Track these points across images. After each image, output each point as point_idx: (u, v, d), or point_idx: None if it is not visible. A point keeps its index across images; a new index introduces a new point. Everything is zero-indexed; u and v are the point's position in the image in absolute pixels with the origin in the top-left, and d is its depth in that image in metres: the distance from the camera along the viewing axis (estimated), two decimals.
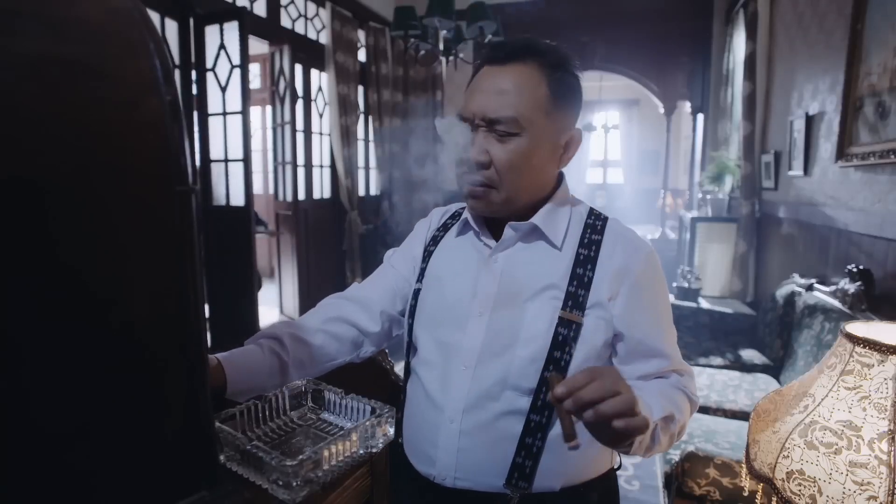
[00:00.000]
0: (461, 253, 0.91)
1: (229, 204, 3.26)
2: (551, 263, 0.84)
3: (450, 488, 0.83)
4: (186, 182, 0.45)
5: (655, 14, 4.77)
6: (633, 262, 0.83)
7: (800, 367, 2.13)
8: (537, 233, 0.86)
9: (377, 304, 0.96)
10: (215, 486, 0.51)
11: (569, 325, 0.80)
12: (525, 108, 0.78)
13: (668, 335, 0.85)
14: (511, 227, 0.85)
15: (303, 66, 4.14)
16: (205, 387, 0.49)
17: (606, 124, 9.98)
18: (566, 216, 0.88)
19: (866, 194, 2.06)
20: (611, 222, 0.89)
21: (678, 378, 0.85)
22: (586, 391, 0.61)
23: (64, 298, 0.39)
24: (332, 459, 0.68)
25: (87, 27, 0.40)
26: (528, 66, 0.79)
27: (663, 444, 0.77)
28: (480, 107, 0.79)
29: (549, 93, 0.79)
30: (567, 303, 0.81)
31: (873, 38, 1.98)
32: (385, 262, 1.02)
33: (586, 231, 0.86)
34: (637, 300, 0.82)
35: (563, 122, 0.82)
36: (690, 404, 0.84)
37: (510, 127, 0.78)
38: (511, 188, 0.81)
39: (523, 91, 0.78)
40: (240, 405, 0.78)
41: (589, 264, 0.82)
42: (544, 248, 0.86)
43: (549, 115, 0.79)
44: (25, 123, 0.37)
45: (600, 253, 0.83)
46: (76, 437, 0.41)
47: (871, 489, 0.72)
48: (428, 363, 0.88)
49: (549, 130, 0.80)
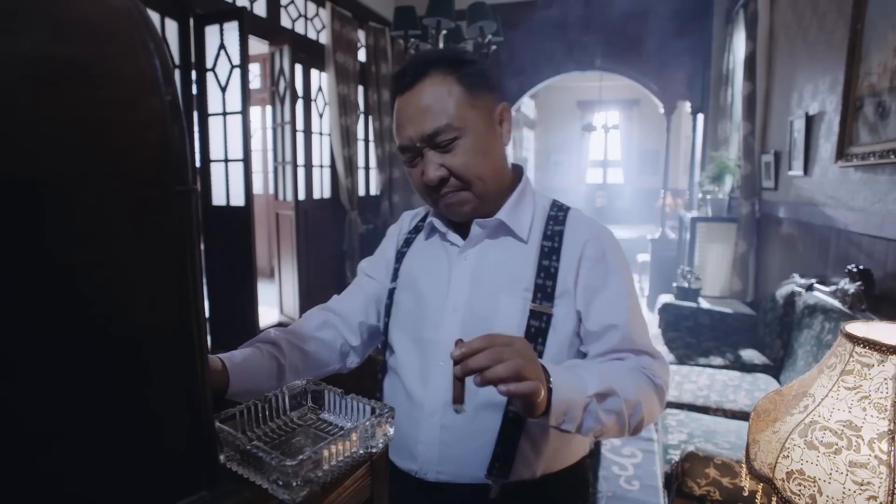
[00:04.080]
0: (432, 253, 0.94)
1: (229, 204, 3.26)
2: (519, 257, 0.87)
3: (431, 482, 0.85)
4: (186, 182, 0.45)
5: (655, 14, 4.76)
6: (591, 244, 0.86)
7: (800, 367, 2.13)
8: (503, 228, 0.88)
9: (355, 317, 0.98)
10: (215, 486, 0.51)
11: (540, 316, 0.83)
12: (452, 110, 0.81)
13: (626, 313, 0.85)
14: (478, 225, 0.88)
15: (303, 66, 4.15)
16: (205, 387, 0.49)
17: (606, 124, 9.99)
18: (530, 209, 0.90)
19: (866, 194, 2.06)
20: (572, 212, 0.91)
21: (637, 359, 0.83)
22: (474, 359, 0.63)
23: (63, 300, 0.39)
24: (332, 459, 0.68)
25: (86, 27, 0.40)
26: (433, 77, 0.82)
27: (608, 425, 0.74)
28: (415, 130, 0.81)
29: (463, 88, 0.82)
30: (536, 295, 0.84)
31: (873, 38, 1.98)
32: (359, 273, 1.05)
33: (549, 223, 0.89)
34: (593, 277, 0.85)
35: (488, 104, 0.85)
36: (654, 388, 0.81)
37: (449, 133, 0.81)
38: (479, 181, 0.84)
39: (442, 98, 0.81)
40: (240, 405, 0.78)
41: (554, 255, 0.85)
42: (511, 242, 0.88)
43: (473, 106, 0.83)
44: (24, 123, 0.37)
45: (563, 243, 0.86)
46: (76, 437, 0.41)
47: (871, 489, 0.72)
48: (406, 361, 0.90)
49: (481, 117, 0.84)
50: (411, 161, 0.85)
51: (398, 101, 0.85)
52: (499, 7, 4.19)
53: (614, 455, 2.59)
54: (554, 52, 5.12)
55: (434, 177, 0.82)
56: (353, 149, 4.48)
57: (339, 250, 4.58)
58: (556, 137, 10.12)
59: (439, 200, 0.86)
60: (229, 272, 3.26)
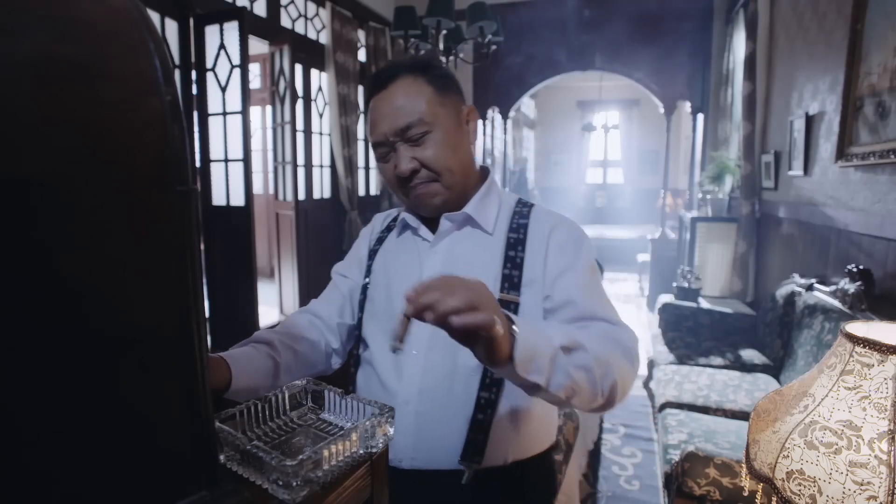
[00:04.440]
0: (404, 249, 0.99)
1: (229, 204, 3.26)
2: (486, 248, 0.92)
3: (406, 470, 0.87)
4: (186, 182, 0.45)
5: (655, 14, 4.76)
6: (555, 233, 0.91)
7: (800, 366, 2.13)
8: (471, 221, 0.93)
9: (333, 319, 1.01)
10: (215, 486, 0.51)
11: (507, 305, 0.86)
12: (423, 107, 0.87)
13: (584, 289, 0.87)
14: (446, 219, 0.93)
15: (303, 66, 4.14)
16: (205, 387, 0.49)
17: (606, 124, 9.98)
18: (496, 204, 0.96)
19: (866, 194, 2.06)
20: (536, 208, 0.97)
21: (599, 325, 0.83)
22: (426, 294, 0.61)
23: (63, 300, 0.39)
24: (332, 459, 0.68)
25: (86, 27, 0.40)
26: (406, 78, 0.89)
27: (580, 383, 0.71)
28: (389, 125, 0.87)
29: (433, 88, 0.89)
30: (504, 284, 0.88)
31: (873, 38, 1.98)
32: (333, 275, 1.08)
33: (514, 217, 0.94)
34: (558, 261, 0.89)
35: (456, 105, 0.92)
36: (622, 351, 0.79)
37: (420, 127, 0.87)
38: (447, 172, 0.89)
39: (414, 96, 0.87)
40: (240, 405, 0.78)
41: (519, 246, 0.90)
42: (479, 235, 0.93)
43: (442, 104, 0.89)
44: (24, 123, 0.37)
45: (528, 234, 0.91)
46: (75, 437, 0.41)
47: (871, 489, 0.72)
48: (379, 353, 0.93)
49: (449, 115, 0.90)
50: (384, 157, 0.91)
51: (373, 101, 0.90)
52: (499, 7, 4.19)
53: (614, 455, 2.59)
54: (554, 52, 5.11)
55: (406, 168, 0.87)
56: (353, 149, 4.48)
57: (339, 250, 4.58)
58: (556, 137, 10.12)
59: (410, 192, 0.91)
60: (229, 272, 3.26)
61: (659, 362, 2.81)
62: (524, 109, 8.52)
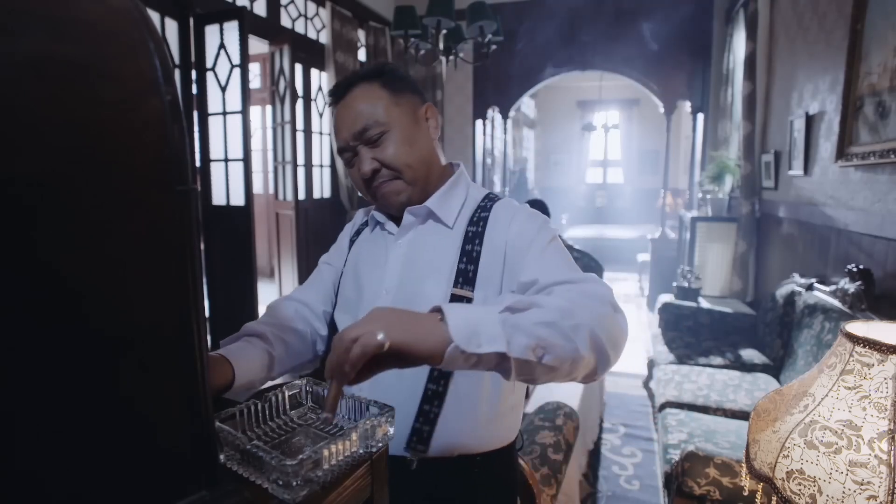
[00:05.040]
0: (374, 243, 1.02)
1: (229, 204, 3.26)
2: (445, 243, 0.92)
3: None
4: (186, 182, 0.45)
5: (655, 14, 4.76)
6: (514, 224, 0.90)
7: (800, 366, 2.13)
8: (432, 215, 0.95)
9: (319, 306, 1.03)
10: (215, 486, 0.51)
11: (460, 300, 0.87)
12: (379, 109, 0.91)
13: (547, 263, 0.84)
14: (409, 213, 0.94)
15: (303, 66, 4.14)
16: (205, 387, 0.49)
17: (606, 124, 9.98)
18: (460, 199, 0.97)
19: (866, 194, 2.06)
20: (501, 201, 0.96)
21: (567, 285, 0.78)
22: (329, 368, 0.65)
23: (63, 300, 0.39)
24: (332, 459, 0.68)
25: (86, 27, 0.40)
26: (360, 86, 0.93)
27: (547, 338, 0.64)
28: (348, 130, 0.91)
29: (387, 91, 0.92)
30: (458, 279, 0.88)
31: (873, 38, 1.98)
32: (319, 264, 1.11)
33: (477, 210, 0.95)
34: (517, 250, 0.87)
35: (411, 104, 0.95)
36: (593, 300, 0.72)
37: (377, 128, 0.90)
38: (407, 168, 0.92)
39: (369, 101, 0.91)
40: (240, 405, 0.78)
41: (477, 239, 0.90)
42: (441, 228, 0.94)
43: (397, 104, 0.92)
44: (23, 123, 0.37)
45: (487, 228, 0.91)
46: (75, 437, 0.41)
47: (871, 489, 0.72)
48: None
49: (405, 113, 0.93)
50: (350, 162, 0.94)
51: (334, 111, 0.95)
52: (499, 7, 4.19)
53: (614, 455, 2.59)
54: (554, 52, 5.11)
55: (367, 169, 0.90)
56: None
57: None
58: (556, 137, 10.11)
59: (376, 192, 0.94)
60: (229, 272, 3.26)
61: (659, 362, 2.81)
62: (524, 109, 8.52)
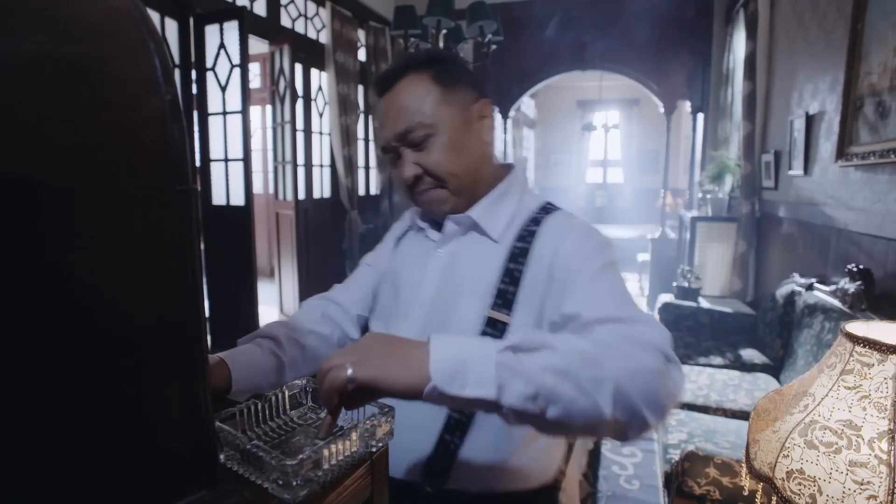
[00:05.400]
0: (414, 249, 0.95)
1: (229, 204, 3.26)
2: (488, 258, 0.83)
3: None
4: (186, 182, 0.45)
5: (655, 14, 4.76)
6: (565, 241, 0.78)
7: (800, 366, 2.13)
8: (475, 226, 0.86)
9: (354, 308, 0.98)
10: (215, 486, 0.51)
11: (495, 324, 0.77)
12: (425, 109, 0.81)
13: (595, 295, 0.72)
14: (451, 221, 0.86)
15: (303, 66, 4.14)
16: (205, 386, 0.49)
17: (606, 124, 9.98)
18: (510, 209, 0.87)
19: (866, 194, 2.06)
20: (556, 213, 0.86)
21: (612, 325, 0.65)
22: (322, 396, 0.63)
23: (62, 299, 0.39)
24: (332, 459, 0.68)
25: (86, 27, 0.40)
26: (410, 77, 0.83)
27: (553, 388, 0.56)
28: (391, 130, 0.83)
29: (438, 86, 0.83)
30: (496, 301, 0.79)
31: (873, 38, 1.98)
32: (360, 264, 1.05)
33: (528, 224, 0.84)
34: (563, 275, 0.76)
35: (464, 101, 0.85)
36: (634, 346, 0.60)
37: (420, 131, 0.81)
38: (452, 178, 0.84)
39: (416, 98, 0.82)
40: (240, 405, 0.78)
41: (521, 258, 0.80)
42: (484, 242, 0.85)
43: (447, 103, 0.83)
44: (23, 123, 0.37)
45: (535, 244, 0.81)
46: (75, 437, 0.41)
47: (871, 488, 0.72)
48: None
49: (455, 114, 0.84)
50: (393, 162, 0.87)
51: (381, 103, 0.87)
52: (499, 7, 4.18)
53: (614, 455, 2.59)
54: (554, 52, 5.11)
55: (409, 175, 0.83)
56: (353, 148, 4.48)
57: (339, 250, 4.58)
58: (556, 137, 10.11)
59: (418, 198, 0.88)
60: (229, 272, 3.26)
61: None
62: (524, 109, 8.52)
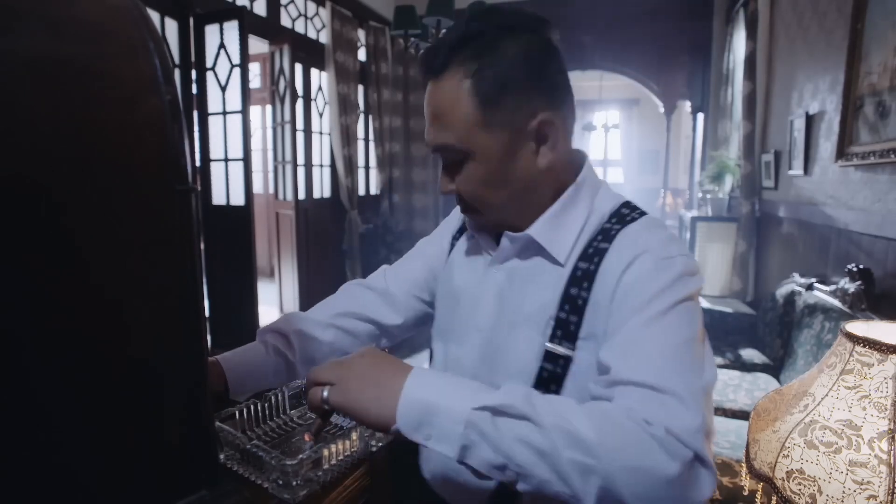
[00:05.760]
0: (470, 257, 0.83)
1: (229, 203, 3.26)
2: (550, 282, 0.70)
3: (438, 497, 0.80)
4: (186, 181, 0.45)
5: (655, 14, 4.76)
6: (634, 263, 0.63)
7: (800, 366, 2.13)
8: (534, 246, 0.72)
9: (402, 295, 0.89)
10: (215, 486, 0.51)
11: (556, 359, 0.67)
12: (459, 129, 0.66)
13: (638, 346, 0.59)
14: (507, 238, 0.73)
15: (303, 66, 4.14)
16: (205, 386, 0.49)
17: (606, 124, 9.97)
18: (578, 222, 0.71)
19: (866, 194, 2.06)
20: (632, 227, 0.68)
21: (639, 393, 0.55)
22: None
23: (63, 297, 0.39)
24: (332, 459, 0.68)
25: (86, 26, 0.40)
26: (452, 72, 0.65)
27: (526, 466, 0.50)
28: (428, 135, 0.70)
29: (476, 100, 0.64)
30: (556, 332, 0.67)
31: (873, 38, 1.98)
32: (416, 248, 0.95)
33: (595, 238, 0.69)
34: (619, 308, 0.63)
35: (512, 121, 0.66)
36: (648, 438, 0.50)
37: (453, 154, 0.68)
38: (491, 209, 0.72)
39: (452, 108, 0.65)
40: (240, 405, 0.78)
41: (585, 282, 0.66)
42: (546, 263, 0.72)
43: (486, 126, 0.65)
44: (24, 123, 0.37)
45: (602, 265, 0.66)
46: (76, 436, 0.41)
47: (870, 488, 0.72)
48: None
49: (497, 140, 0.66)
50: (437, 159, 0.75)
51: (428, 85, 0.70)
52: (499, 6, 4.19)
53: None
54: None
55: (444, 190, 0.72)
56: (353, 148, 4.48)
57: (339, 250, 4.58)
58: None
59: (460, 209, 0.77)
60: (229, 272, 3.26)
61: None
62: None
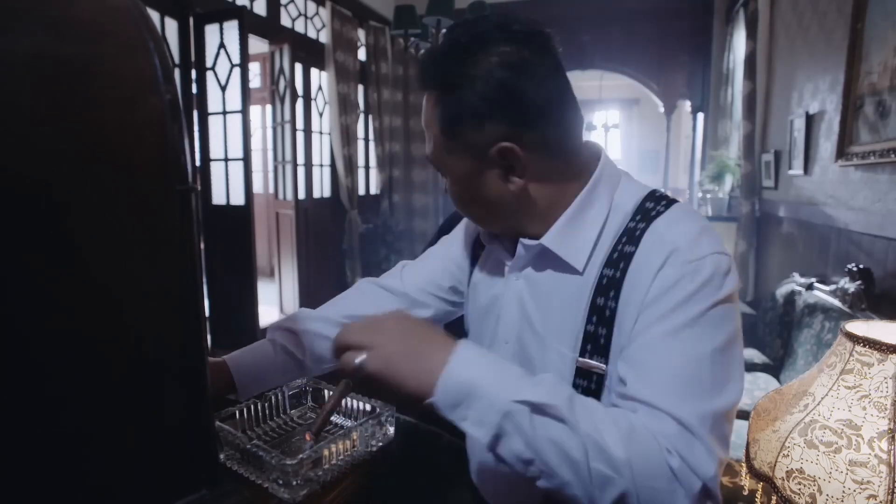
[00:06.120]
0: (493, 265, 0.79)
1: (229, 203, 3.26)
2: (573, 292, 0.65)
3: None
4: (186, 181, 0.45)
5: (655, 14, 4.76)
6: (666, 265, 0.58)
7: (800, 366, 2.13)
8: (549, 255, 0.67)
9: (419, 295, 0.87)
10: (215, 486, 0.51)
11: (588, 375, 0.62)
12: (433, 148, 0.67)
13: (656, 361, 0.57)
14: (522, 245, 0.69)
15: (303, 65, 4.14)
16: (205, 386, 0.49)
17: (606, 124, 9.98)
18: (596, 225, 0.65)
19: (866, 193, 2.06)
20: (661, 220, 0.62)
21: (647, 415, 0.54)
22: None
23: (63, 297, 0.39)
24: (332, 458, 0.68)
25: (86, 26, 0.40)
26: (428, 95, 0.65)
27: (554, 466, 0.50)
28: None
29: (439, 128, 0.64)
30: (585, 347, 0.63)
31: (873, 37, 1.98)
32: (436, 246, 0.92)
33: (620, 241, 0.63)
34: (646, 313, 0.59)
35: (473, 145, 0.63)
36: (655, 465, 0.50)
37: (434, 165, 0.68)
38: (480, 220, 0.72)
39: (429, 129, 0.66)
40: (240, 404, 0.78)
41: (612, 290, 0.61)
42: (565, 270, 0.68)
43: (448, 151, 0.65)
44: (24, 123, 0.37)
45: (629, 272, 0.60)
46: (76, 436, 0.41)
47: (870, 488, 0.72)
48: None
49: (459, 162, 0.65)
50: None
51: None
52: (499, 6, 4.18)
53: None
54: None
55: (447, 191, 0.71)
56: (353, 148, 4.48)
57: (340, 250, 4.58)
58: None
59: None
60: (229, 272, 3.26)
61: None
62: None
